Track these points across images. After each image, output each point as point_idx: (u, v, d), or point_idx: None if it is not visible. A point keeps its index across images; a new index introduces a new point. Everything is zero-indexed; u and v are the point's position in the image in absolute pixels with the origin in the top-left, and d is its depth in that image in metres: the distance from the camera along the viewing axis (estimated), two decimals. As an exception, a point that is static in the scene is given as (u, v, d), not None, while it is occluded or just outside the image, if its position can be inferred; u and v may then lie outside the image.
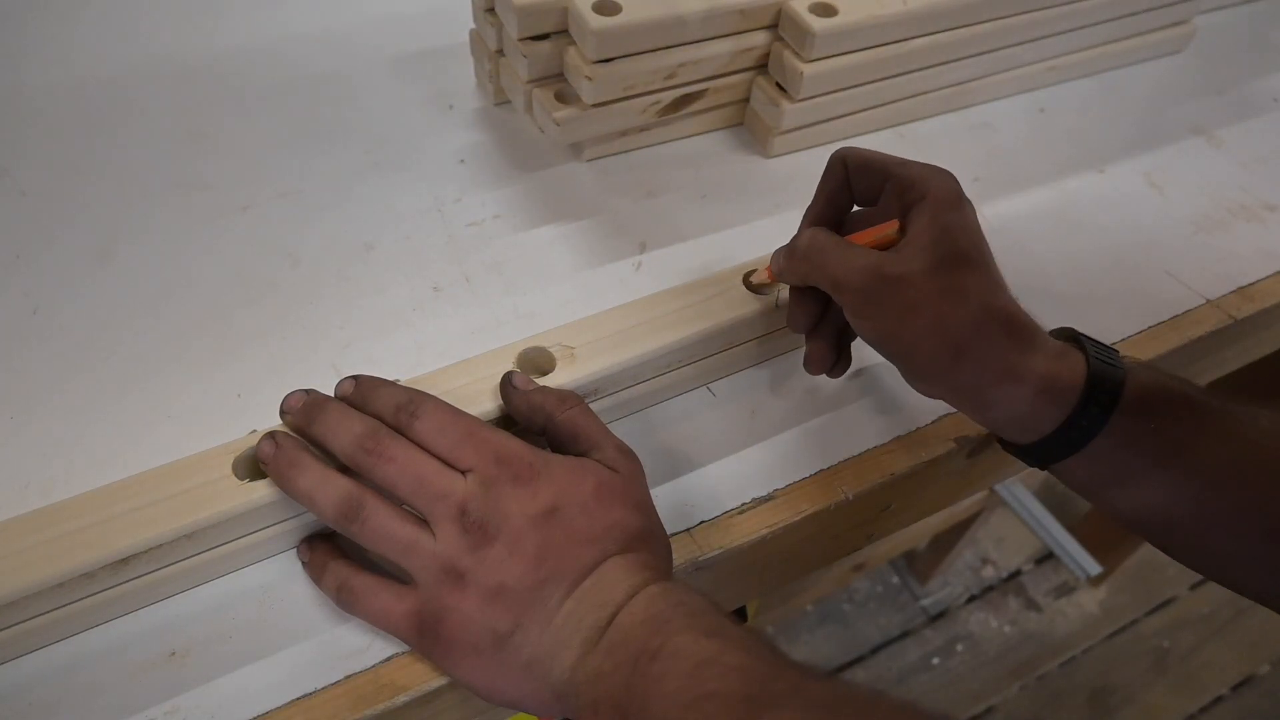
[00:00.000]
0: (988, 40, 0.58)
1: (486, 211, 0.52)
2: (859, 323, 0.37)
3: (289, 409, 0.36)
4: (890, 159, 0.38)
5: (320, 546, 0.36)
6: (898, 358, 0.37)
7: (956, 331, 0.34)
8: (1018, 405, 0.35)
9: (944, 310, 0.34)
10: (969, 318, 0.34)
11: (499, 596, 0.31)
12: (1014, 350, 0.35)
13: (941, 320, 0.34)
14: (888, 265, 0.35)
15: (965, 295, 0.34)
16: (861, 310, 0.36)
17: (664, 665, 0.29)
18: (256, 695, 0.33)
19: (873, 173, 0.39)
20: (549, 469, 0.33)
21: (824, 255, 0.36)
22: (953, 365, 0.35)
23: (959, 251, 0.35)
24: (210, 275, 0.48)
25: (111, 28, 0.63)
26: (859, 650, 1.36)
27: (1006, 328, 0.35)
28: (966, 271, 0.35)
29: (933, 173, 0.37)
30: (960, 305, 0.34)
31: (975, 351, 0.35)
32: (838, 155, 0.40)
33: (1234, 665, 1.37)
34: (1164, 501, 0.36)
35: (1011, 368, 0.35)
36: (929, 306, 0.34)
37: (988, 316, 0.35)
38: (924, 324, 0.34)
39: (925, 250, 0.35)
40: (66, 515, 0.33)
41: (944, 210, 0.35)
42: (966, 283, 0.35)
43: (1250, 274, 0.52)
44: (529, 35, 0.51)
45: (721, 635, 0.29)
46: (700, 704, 0.27)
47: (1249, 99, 0.66)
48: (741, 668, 0.28)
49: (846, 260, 0.36)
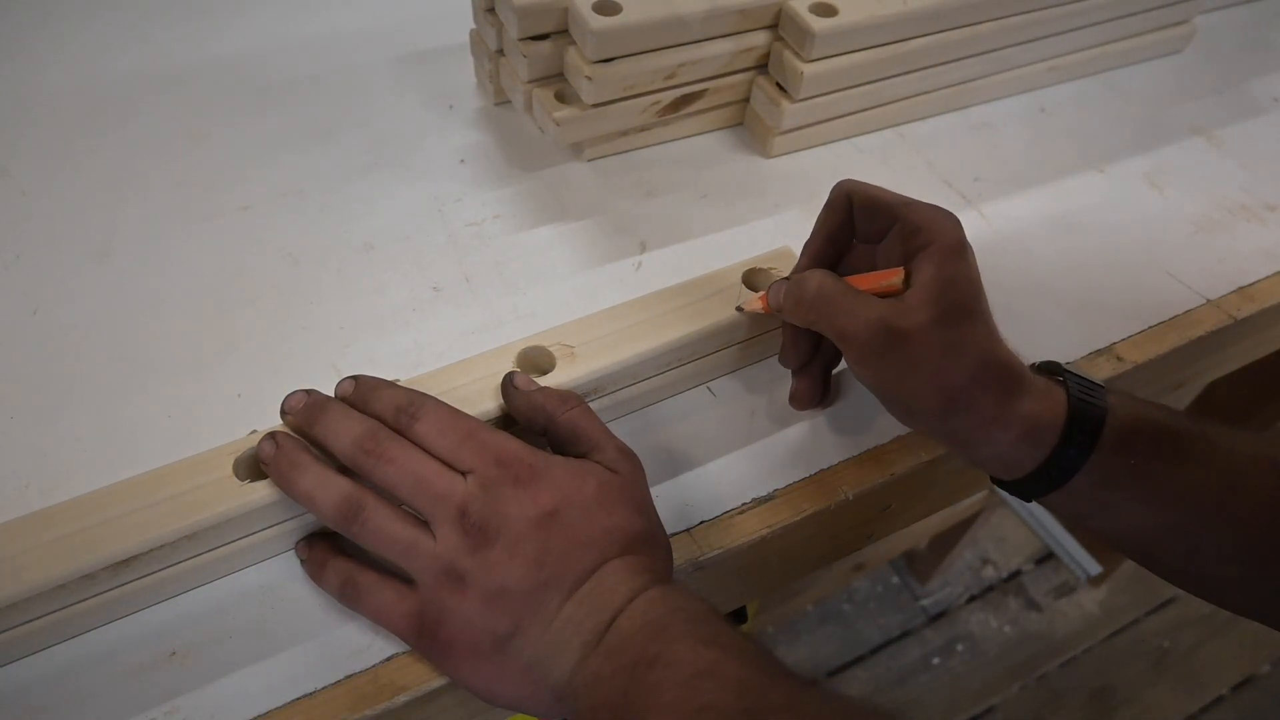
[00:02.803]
0: (988, 40, 0.58)
1: (486, 211, 0.52)
2: (860, 371, 0.37)
3: (289, 409, 0.36)
4: (896, 199, 0.38)
5: (319, 544, 0.36)
6: (892, 404, 0.38)
7: (953, 385, 0.35)
8: (1001, 448, 0.36)
9: (944, 365, 0.35)
10: (966, 371, 0.35)
11: (499, 599, 0.31)
12: (1003, 398, 0.36)
13: (941, 374, 0.35)
14: (894, 319, 0.35)
15: (965, 349, 0.35)
16: (865, 361, 0.36)
17: (661, 674, 0.29)
18: (256, 695, 0.33)
19: (878, 212, 0.39)
20: (549, 471, 0.33)
21: (832, 305, 0.36)
22: (946, 414, 0.36)
23: (962, 305, 0.35)
24: (210, 275, 0.48)
25: (111, 28, 0.63)
26: (859, 650, 1.36)
27: (999, 378, 0.36)
28: (968, 325, 0.35)
29: (938, 217, 0.37)
30: (960, 359, 0.35)
31: (968, 402, 0.35)
32: (843, 190, 0.40)
33: (1234, 665, 1.37)
34: (1147, 531, 0.37)
35: (999, 415, 0.36)
36: (930, 361, 0.35)
37: (983, 369, 0.35)
38: (924, 378, 0.35)
39: (930, 304, 0.35)
40: (67, 516, 0.33)
41: (949, 260, 0.36)
42: (967, 336, 0.35)
43: (1250, 274, 0.52)
44: (529, 35, 0.51)
45: (719, 644, 0.29)
46: (697, 716, 0.27)
47: (1249, 99, 0.66)
48: (738, 679, 0.28)
49: (854, 312, 0.35)
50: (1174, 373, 0.52)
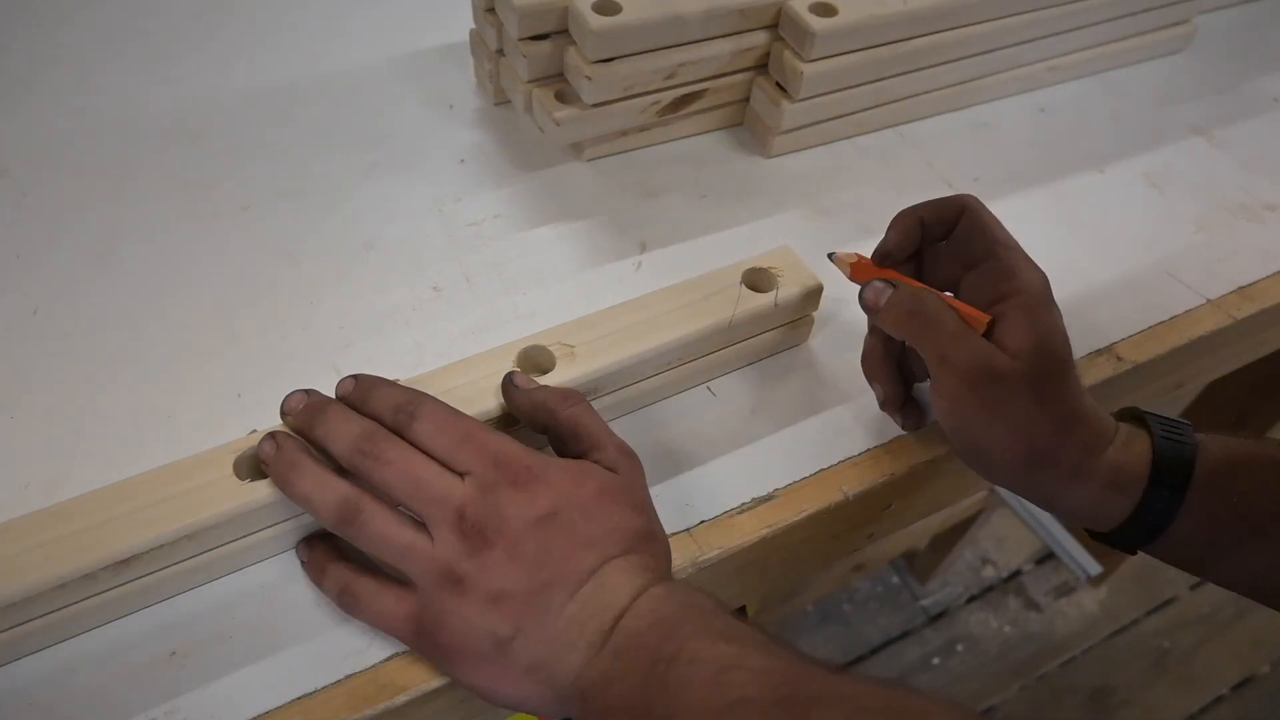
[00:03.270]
0: (988, 40, 0.58)
1: (486, 211, 0.52)
2: (945, 405, 0.36)
3: (289, 410, 0.36)
4: (1002, 235, 0.38)
5: (319, 547, 0.36)
6: (972, 450, 0.37)
7: (1038, 438, 0.35)
8: (1084, 501, 0.36)
9: (1034, 415, 0.35)
10: (1052, 425, 0.35)
11: (499, 601, 0.31)
12: (1086, 452, 0.35)
13: (1028, 426, 0.35)
14: (997, 360, 0.35)
15: (1056, 402, 0.35)
16: (955, 395, 0.35)
17: (683, 672, 0.28)
18: (256, 695, 0.33)
19: (979, 240, 0.39)
20: (548, 472, 0.33)
21: (941, 326, 0.36)
22: (1028, 467, 0.36)
23: (1056, 357, 0.35)
24: (210, 275, 0.48)
25: (112, 29, 0.63)
26: (859, 650, 1.36)
27: (1083, 431, 0.35)
28: (1060, 378, 0.35)
29: (1030, 267, 0.37)
30: (1048, 412, 0.35)
31: (1051, 457, 0.35)
32: (963, 201, 0.40)
33: (1234, 665, 1.37)
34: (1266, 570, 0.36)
35: (1081, 468, 0.35)
36: (1021, 410, 0.35)
37: (1070, 424, 0.35)
38: (1010, 427, 0.35)
39: (1028, 354, 0.35)
40: (67, 516, 0.33)
41: (1041, 311, 0.36)
42: (1059, 390, 0.35)
43: (1250, 274, 0.52)
44: (529, 35, 0.51)
45: (737, 638, 0.29)
46: (732, 711, 0.27)
47: (1249, 99, 0.66)
48: (766, 670, 0.28)
49: (960, 340, 0.35)
50: (1174, 373, 0.52)
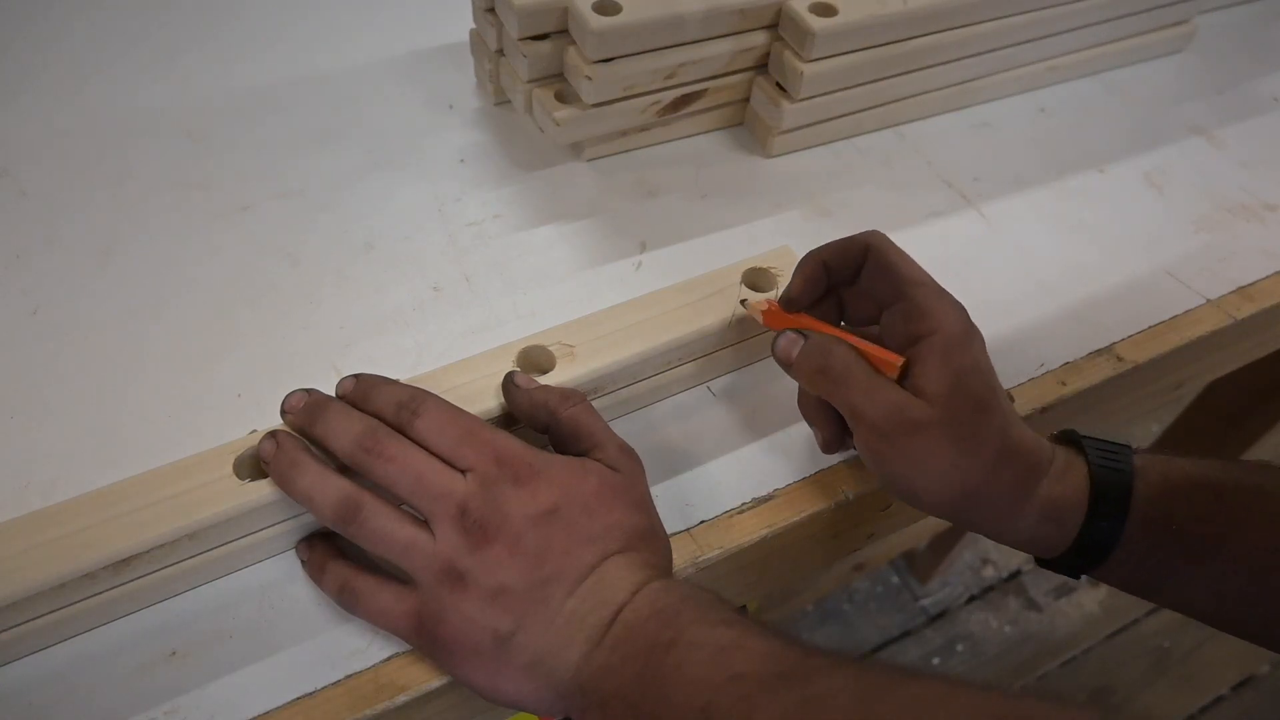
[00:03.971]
0: (988, 40, 0.58)
1: (486, 211, 0.52)
2: (868, 455, 0.36)
3: (290, 409, 0.36)
4: (909, 274, 0.37)
5: (319, 546, 0.36)
6: (903, 496, 0.36)
7: (966, 482, 0.34)
8: (1023, 534, 0.36)
9: (959, 462, 0.34)
10: (981, 466, 0.34)
11: (500, 597, 0.31)
12: (1019, 487, 0.35)
13: (955, 471, 0.34)
14: (912, 411, 0.34)
15: (981, 443, 0.34)
16: (875, 446, 0.35)
17: (682, 654, 0.28)
18: (256, 695, 0.33)
19: (888, 279, 0.37)
20: (549, 469, 0.33)
21: (850, 381, 0.35)
22: (962, 512, 0.35)
23: (975, 398, 0.34)
24: (210, 275, 0.48)
25: (110, 28, 0.63)
26: (859, 650, 1.36)
27: (1015, 469, 0.35)
28: (982, 418, 0.34)
29: (944, 306, 0.36)
30: (975, 454, 0.34)
31: (984, 495, 0.35)
32: (867, 240, 0.38)
33: (1234, 665, 1.37)
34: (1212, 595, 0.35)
35: (1015, 503, 0.35)
36: (943, 457, 0.34)
37: (999, 463, 0.34)
38: (936, 474, 0.34)
39: (943, 399, 0.34)
40: (67, 516, 0.33)
41: (956, 351, 0.34)
42: (982, 431, 0.34)
43: (1250, 274, 0.52)
44: (529, 35, 0.51)
45: (738, 625, 0.29)
46: (731, 684, 0.27)
47: (1249, 99, 0.66)
48: (768, 650, 0.28)
49: (872, 393, 0.34)
50: (1174, 373, 0.52)
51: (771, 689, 0.26)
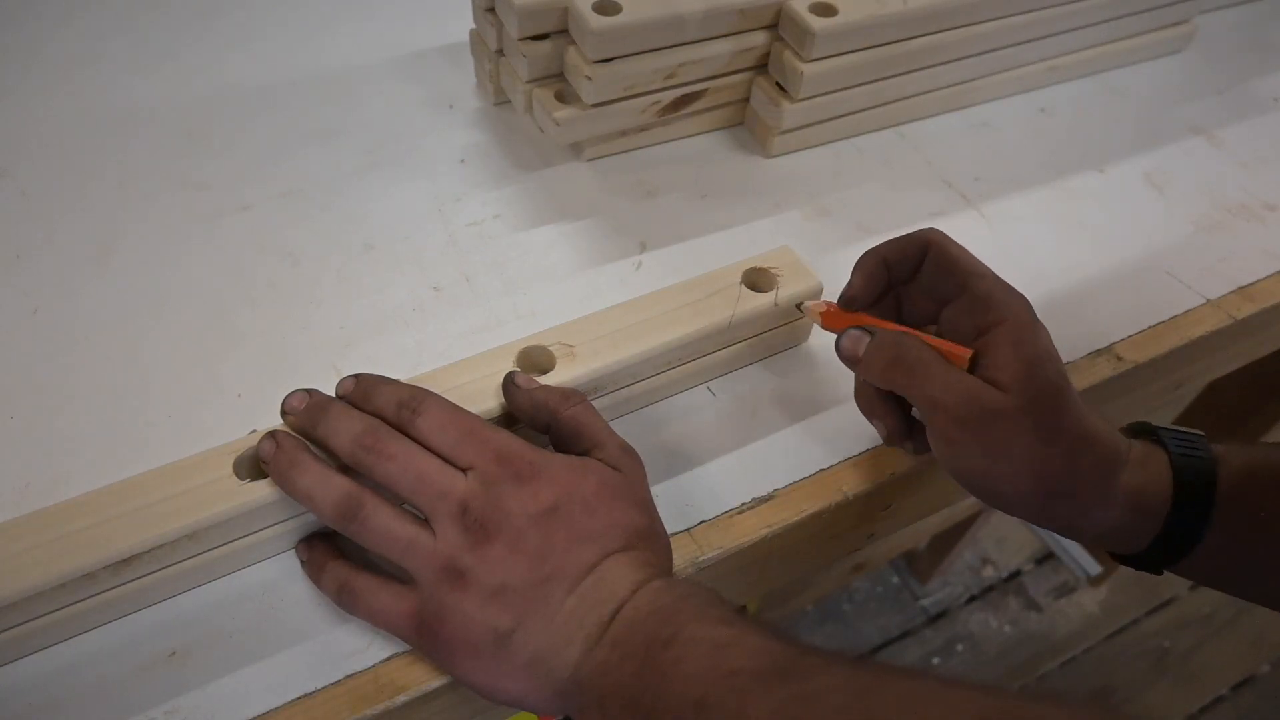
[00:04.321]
0: (988, 40, 0.58)
1: (486, 211, 0.52)
2: (945, 447, 0.35)
3: (290, 409, 0.36)
4: (971, 266, 0.37)
5: (319, 546, 0.36)
6: (980, 488, 0.36)
7: (1048, 471, 0.34)
8: (1109, 525, 0.35)
9: (1038, 450, 0.33)
10: (1060, 455, 0.34)
11: (500, 595, 0.31)
12: (1102, 478, 0.34)
13: (1034, 461, 0.33)
14: (990, 398, 0.33)
15: (1058, 431, 0.34)
16: (953, 436, 0.34)
17: (679, 651, 0.28)
18: (256, 695, 0.33)
19: (952, 275, 0.37)
20: (550, 468, 0.33)
21: (926, 371, 0.34)
22: (1044, 505, 0.35)
23: (1050, 385, 0.34)
24: (210, 275, 0.48)
25: (110, 28, 0.63)
26: (859, 650, 1.36)
27: (1094, 455, 0.34)
28: (1059, 407, 0.34)
29: (1010, 296, 0.36)
30: (1054, 442, 0.33)
31: (1067, 488, 0.34)
32: (925, 237, 0.38)
33: (1234, 665, 1.37)
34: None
35: (1098, 494, 0.34)
36: (1023, 445, 0.33)
37: (1077, 450, 0.34)
38: (1015, 464, 0.33)
39: (1019, 384, 0.33)
40: (67, 516, 0.33)
41: (1027, 340, 0.34)
42: (1059, 418, 0.34)
43: (1250, 274, 0.52)
44: (529, 35, 0.51)
45: (737, 623, 0.29)
46: (727, 679, 0.27)
47: (1249, 99, 0.66)
48: (764, 648, 0.28)
49: (948, 382, 0.34)
50: (1174, 373, 0.52)
51: (766, 685, 0.27)
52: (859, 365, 0.37)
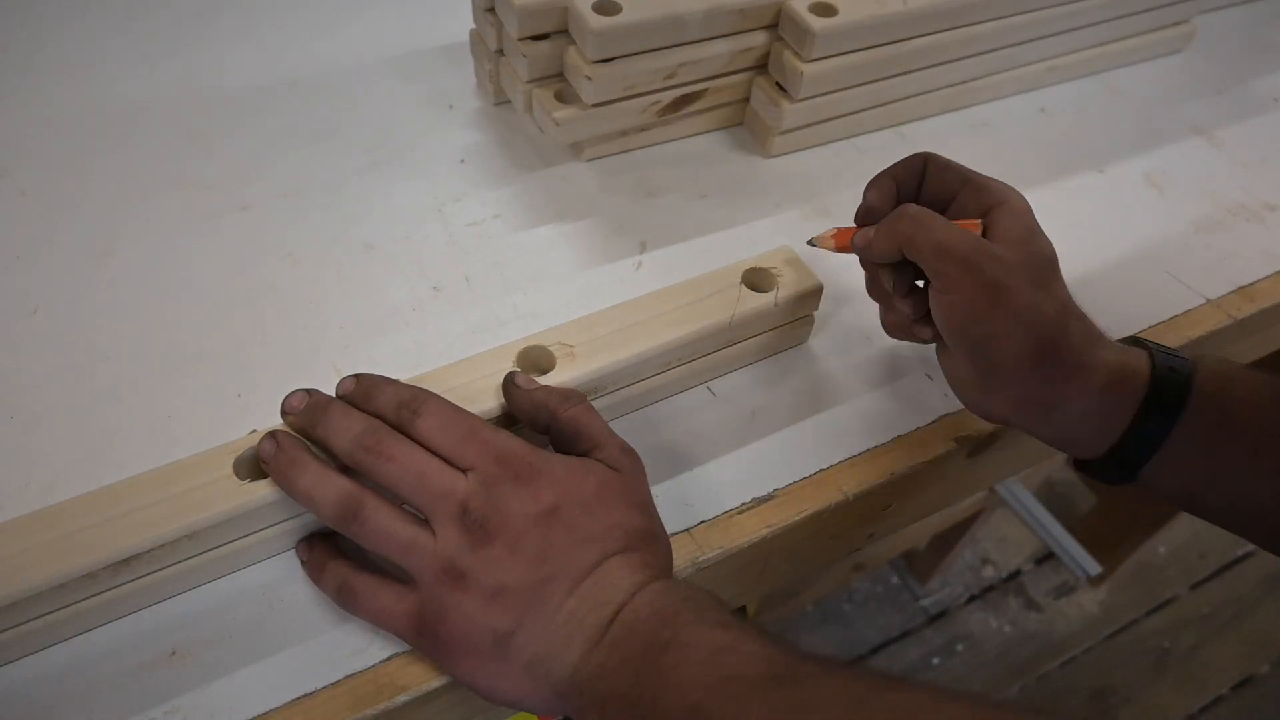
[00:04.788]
0: (988, 40, 0.58)
1: (486, 211, 0.52)
2: (948, 299, 0.35)
3: (290, 409, 0.36)
4: (968, 169, 0.40)
5: (319, 546, 0.36)
6: (978, 346, 0.36)
7: (1042, 325, 0.35)
8: (1086, 405, 0.36)
9: (1035, 300, 0.35)
10: (1053, 312, 0.35)
11: (500, 596, 0.31)
12: (1085, 346, 0.36)
13: (1031, 310, 0.35)
14: (993, 247, 0.36)
15: (1051, 290, 0.36)
16: (958, 282, 0.35)
17: (677, 655, 0.29)
18: (256, 695, 0.33)
19: (951, 176, 0.40)
20: (550, 469, 0.33)
21: (932, 221, 0.36)
22: (1034, 364, 0.35)
23: (1045, 253, 0.37)
24: (210, 275, 0.48)
25: (111, 29, 0.63)
26: (859, 650, 1.36)
27: (1080, 323, 0.36)
28: (1050, 271, 0.37)
29: (1006, 185, 0.39)
30: (1047, 299, 0.35)
31: (1055, 348, 0.35)
32: (920, 155, 0.41)
33: (1234, 665, 1.37)
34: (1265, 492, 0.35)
35: (1082, 362, 0.36)
36: (1022, 294, 0.35)
37: (1067, 313, 0.36)
38: (1014, 311, 0.35)
39: (1018, 245, 0.36)
40: (67, 516, 0.33)
41: (1025, 215, 0.37)
42: (1052, 281, 0.36)
43: (1250, 274, 0.52)
44: (529, 35, 0.51)
45: (735, 628, 0.29)
46: (722, 686, 0.27)
47: (1249, 99, 0.66)
48: (762, 654, 0.28)
49: (954, 230, 0.36)
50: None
51: (762, 692, 0.27)
52: (872, 245, 0.38)
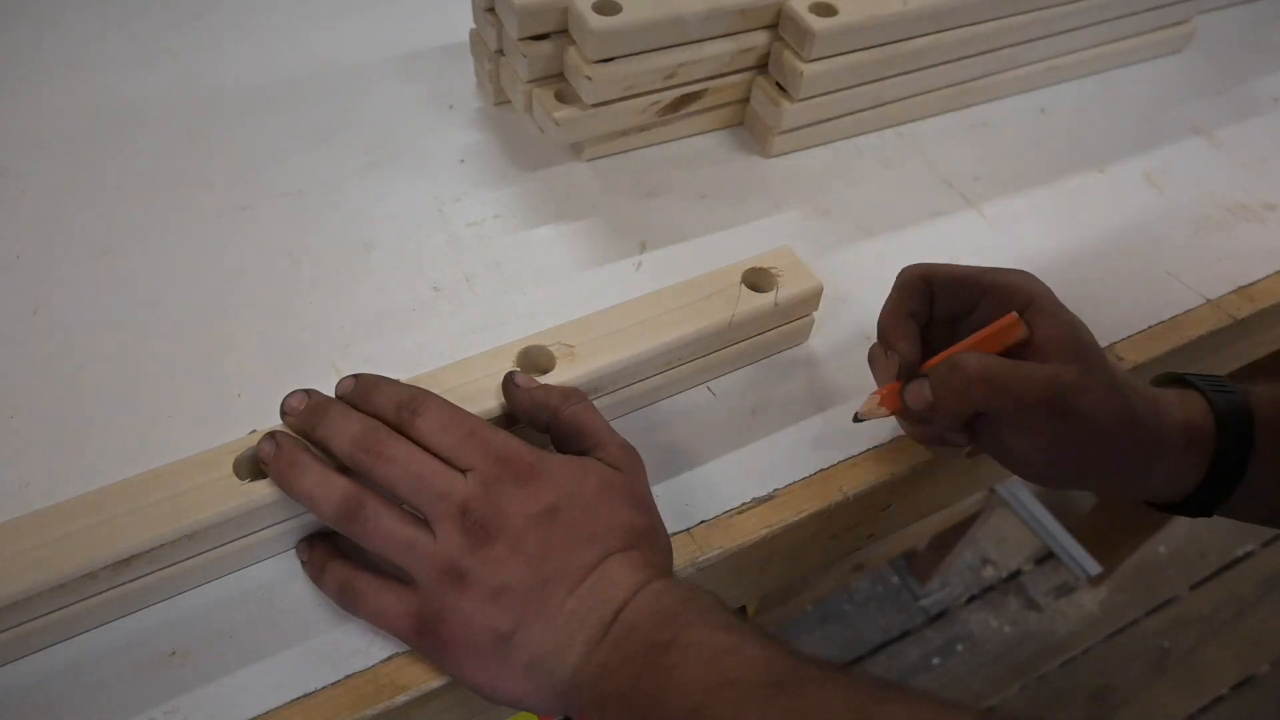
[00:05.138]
0: (988, 40, 0.58)
1: (486, 211, 0.52)
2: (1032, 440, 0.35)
3: (290, 410, 0.36)
4: (976, 270, 0.38)
5: (320, 546, 0.36)
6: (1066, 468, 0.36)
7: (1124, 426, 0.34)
8: (1168, 467, 0.36)
9: (1112, 407, 0.34)
10: (1120, 408, 0.35)
11: (500, 596, 0.31)
12: (1154, 420, 0.35)
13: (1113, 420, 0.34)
14: (1063, 375, 0.34)
15: (1116, 387, 0.35)
16: (1045, 428, 0.34)
17: (678, 656, 0.29)
18: (256, 695, 0.33)
19: (964, 287, 0.38)
20: (550, 468, 0.33)
21: (1003, 378, 0.34)
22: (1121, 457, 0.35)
23: (1093, 348, 0.35)
24: (210, 275, 0.48)
25: (111, 28, 0.63)
26: (859, 650, 1.36)
27: (1147, 403, 0.35)
28: (1105, 365, 0.35)
29: (1029, 278, 0.37)
30: (1118, 398, 0.34)
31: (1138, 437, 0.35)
32: (916, 272, 0.38)
33: (1234, 665, 1.37)
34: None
35: (1159, 439, 0.35)
36: (1101, 409, 0.34)
37: (1134, 399, 0.35)
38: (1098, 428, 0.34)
39: (1073, 354, 0.34)
40: (67, 516, 0.33)
41: (1059, 311, 0.36)
42: (1112, 376, 0.35)
43: (1250, 274, 0.52)
44: (529, 35, 0.51)
45: (737, 629, 0.29)
46: (722, 690, 0.27)
47: (1249, 99, 0.66)
48: (764, 657, 0.28)
49: (1031, 378, 0.34)
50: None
51: (762, 698, 0.27)
52: (936, 408, 0.36)
